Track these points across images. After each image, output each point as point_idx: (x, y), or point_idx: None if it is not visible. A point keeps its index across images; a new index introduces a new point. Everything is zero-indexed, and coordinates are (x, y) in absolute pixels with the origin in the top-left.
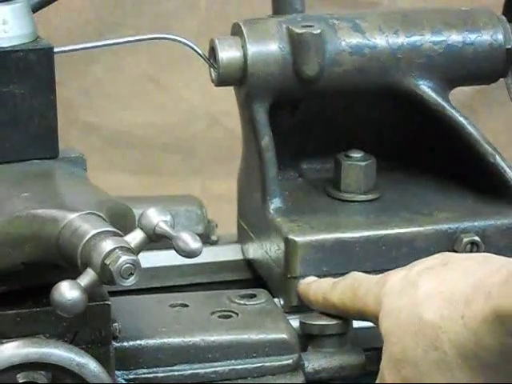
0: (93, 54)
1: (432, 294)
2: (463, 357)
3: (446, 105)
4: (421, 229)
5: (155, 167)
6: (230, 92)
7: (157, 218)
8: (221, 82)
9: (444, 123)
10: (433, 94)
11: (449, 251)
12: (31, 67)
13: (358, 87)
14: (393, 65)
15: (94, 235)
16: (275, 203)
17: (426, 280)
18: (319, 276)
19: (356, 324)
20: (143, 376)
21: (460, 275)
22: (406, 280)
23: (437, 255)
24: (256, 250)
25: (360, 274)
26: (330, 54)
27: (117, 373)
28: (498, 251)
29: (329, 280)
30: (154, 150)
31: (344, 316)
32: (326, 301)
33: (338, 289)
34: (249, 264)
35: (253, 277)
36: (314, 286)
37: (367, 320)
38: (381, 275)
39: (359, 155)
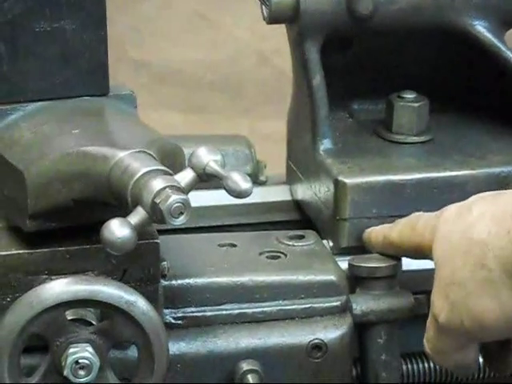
0: None
1: (483, 215)
2: (508, 273)
3: (501, 45)
4: (473, 172)
5: (203, 106)
6: (280, 30)
7: (207, 157)
8: (272, 19)
9: (499, 64)
10: (488, 35)
11: None
12: (82, 2)
13: (412, 26)
14: (448, 4)
15: (144, 173)
16: (325, 144)
17: (479, 204)
18: (368, 218)
19: (405, 267)
20: (191, 315)
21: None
22: (461, 209)
23: (493, 192)
24: (305, 191)
25: (420, 213)
26: None
27: (165, 311)
28: None
29: (390, 224)
30: (203, 89)
31: (400, 254)
32: (386, 239)
33: (398, 226)
34: (297, 205)
35: (301, 218)
36: (375, 229)
37: (422, 256)
38: (438, 211)
39: (412, 96)
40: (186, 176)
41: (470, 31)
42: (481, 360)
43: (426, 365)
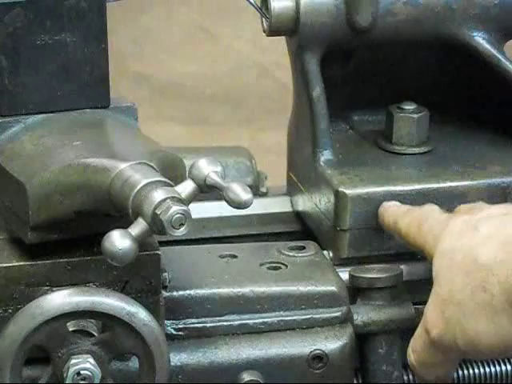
0: (143, 4)
1: (490, 238)
2: (510, 302)
3: (500, 57)
4: (473, 182)
5: (204, 118)
6: (280, 42)
7: (208, 168)
8: (272, 31)
9: (498, 75)
10: (488, 46)
11: None
12: (83, 15)
13: (411, 38)
14: (447, 16)
15: (145, 185)
16: (326, 155)
17: (486, 225)
18: (369, 229)
19: (406, 277)
20: (192, 326)
21: None
22: (466, 224)
23: (501, 205)
24: (305, 202)
25: (433, 208)
26: (383, 3)
27: (166, 322)
28: None
29: (407, 206)
30: (204, 101)
31: (406, 245)
32: (396, 226)
33: (408, 217)
34: (298, 216)
35: (302, 229)
36: (391, 210)
37: (424, 256)
38: (446, 216)
39: (412, 107)
40: (186, 187)
41: (470, 43)
42: None
43: None
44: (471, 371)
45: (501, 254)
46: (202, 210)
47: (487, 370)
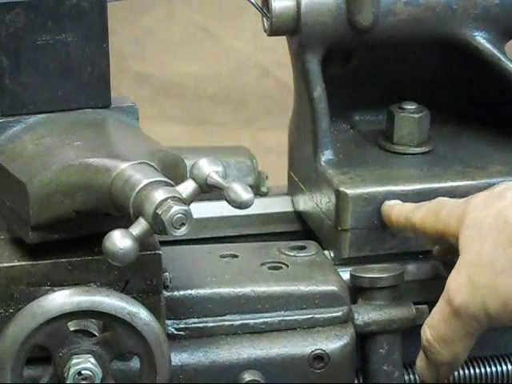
0: (145, 4)
1: None
2: None
3: (501, 56)
4: (474, 182)
5: (205, 117)
6: (281, 42)
7: (208, 168)
8: (273, 31)
9: (499, 75)
10: (488, 46)
11: None
12: (84, 15)
13: (412, 38)
14: (448, 15)
15: (146, 185)
16: (326, 155)
17: (510, 191)
18: (370, 229)
19: (408, 277)
20: (193, 325)
21: None
22: (490, 196)
23: None
24: (306, 202)
25: (445, 198)
26: (384, 3)
27: (167, 322)
28: None
29: (412, 204)
30: (205, 101)
31: (419, 237)
32: (407, 221)
33: (421, 210)
34: (299, 216)
35: (303, 229)
36: (397, 208)
37: (443, 243)
38: (463, 199)
39: (413, 107)
40: (187, 187)
41: (471, 42)
42: None
43: None
44: (472, 371)
45: None
46: (203, 209)
47: (488, 369)
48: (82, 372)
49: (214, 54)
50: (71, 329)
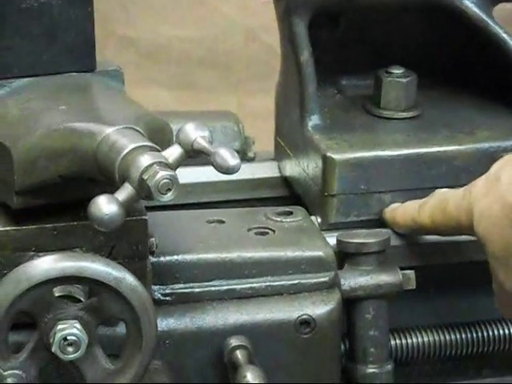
0: None
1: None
2: None
3: (489, 21)
4: (461, 147)
5: (192, 82)
6: (269, 6)
7: (195, 133)
8: None
9: (487, 39)
10: (476, 10)
11: None
12: None
13: (400, 2)
14: None
15: (131, 150)
16: (313, 120)
17: (505, 171)
18: (356, 194)
19: (394, 242)
20: (179, 291)
21: None
22: (487, 181)
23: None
24: (293, 168)
25: (444, 191)
26: None
27: (153, 287)
28: None
29: (413, 203)
30: (191, 65)
31: (434, 234)
32: (416, 223)
33: (427, 210)
34: (285, 181)
35: (289, 194)
36: (400, 211)
37: (460, 235)
38: (464, 188)
39: (400, 71)
40: (173, 152)
41: (458, 6)
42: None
43: (415, 340)
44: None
45: None
46: (189, 175)
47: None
48: (68, 338)
49: (200, 18)
50: (56, 294)
